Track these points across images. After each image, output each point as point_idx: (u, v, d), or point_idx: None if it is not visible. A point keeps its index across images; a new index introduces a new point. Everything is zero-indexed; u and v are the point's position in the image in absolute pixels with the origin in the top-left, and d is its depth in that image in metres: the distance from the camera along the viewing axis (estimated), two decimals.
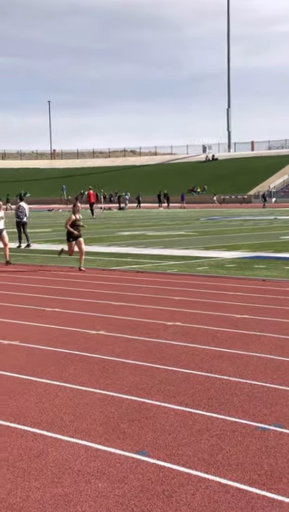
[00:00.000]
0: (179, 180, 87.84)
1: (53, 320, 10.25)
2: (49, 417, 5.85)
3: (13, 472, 4.70)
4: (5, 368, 7.47)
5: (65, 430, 5.51)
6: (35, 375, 7.18)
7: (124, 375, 7.12)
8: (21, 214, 23.60)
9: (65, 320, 10.24)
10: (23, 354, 8.13)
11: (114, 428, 5.54)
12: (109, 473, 4.64)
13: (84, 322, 10.04)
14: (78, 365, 7.57)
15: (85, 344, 8.60)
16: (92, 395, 6.45)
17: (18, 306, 11.54)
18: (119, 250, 21.49)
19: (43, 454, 5.01)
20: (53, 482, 4.52)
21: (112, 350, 8.26)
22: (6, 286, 14.08)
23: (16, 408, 6.09)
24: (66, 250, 17.34)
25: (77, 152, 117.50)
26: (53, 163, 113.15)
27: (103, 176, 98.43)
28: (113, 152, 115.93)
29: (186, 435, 5.35)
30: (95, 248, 22.23)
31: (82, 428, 5.55)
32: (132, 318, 10.27)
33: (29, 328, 9.66)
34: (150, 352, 8.13)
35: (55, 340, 8.82)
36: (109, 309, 11.10)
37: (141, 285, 13.83)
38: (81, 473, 4.66)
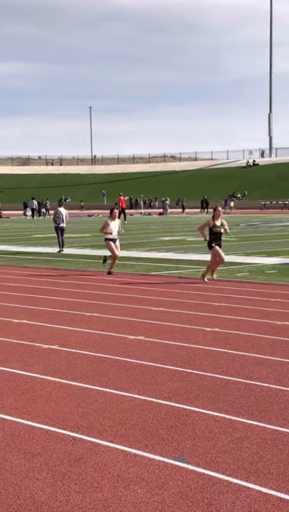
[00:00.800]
0: (219, 186, 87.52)
1: (92, 325, 10.28)
2: (88, 421, 5.86)
3: (53, 476, 4.72)
4: (45, 372, 7.52)
5: (105, 435, 5.51)
6: (74, 380, 7.21)
7: (163, 381, 7.10)
8: (58, 219, 23.75)
9: (105, 325, 10.27)
10: (62, 358, 8.18)
11: (153, 434, 5.52)
12: (149, 479, 4.63)
13: (123, 327, 10.05)
14: (117, 370, 7.57)
15: (123, 349, 8.60)
16: (131, 400, 6.44)
17: (58, 311, 11.62)
18: (159, 255, 21.48)
19: (82, 459, 5.02)
20: (92, 487, 4.53)
21: (150, 355, 8.25)
22: (46, 290, 14.19)
23: (56, 412, 6.12)
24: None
25: (118, 158, 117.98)
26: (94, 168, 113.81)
27: (143, 182, 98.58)
28: (153, 158, 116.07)
29: (225, 442, 5.31)
30: (134, 253, 22.27)
31: (121, 433, 5.55)
32: (171, 324, 10.25)
33: (69, 333, 9.71)
34: (189, 358, 8.10)
35: (94, 345, 8.85)
36: (148, 314, 11.10)
37: (180, 290, 13.80)
38: (120, 478, 4.66)
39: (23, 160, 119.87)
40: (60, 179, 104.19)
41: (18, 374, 7.46)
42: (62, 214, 23.91)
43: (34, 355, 8.36)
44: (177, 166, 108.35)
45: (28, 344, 8.96)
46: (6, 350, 8.59)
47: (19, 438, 5.48)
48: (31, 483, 4.60)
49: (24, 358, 8.20)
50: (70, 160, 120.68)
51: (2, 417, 6.01)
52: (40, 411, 6.16)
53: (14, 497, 4.39)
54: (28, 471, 4.80)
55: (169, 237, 30.71)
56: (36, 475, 4.73)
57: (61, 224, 23.70)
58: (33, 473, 4.77)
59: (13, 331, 9.89)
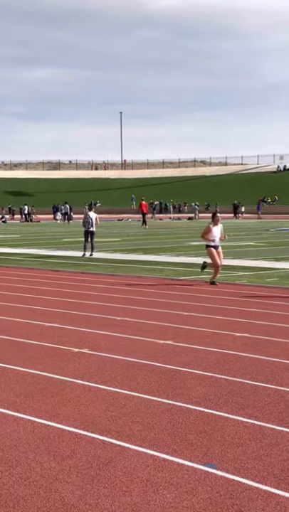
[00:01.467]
0: (249, 191, 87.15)
1: (122, 329, 10.31)
2: (117, 425, 5.87)
3: (83, 479, 4.74)
4: (75, 376, 7.55)
5: (134, 439, 5.52)
6: (104, 383, 7.23)
7: (192, 386, 7.08)
8: (87, 223, 23.86)
9: (134, 329, 10.28)
10: (92, 362, 8.21)
11: (182, 439, 5.52)
12: (178, 484, 4.62)
13: (152, 331, 10.06)
14: (146, 375, 7.58)
15: (153, 353, 8.61)
16: (160, 405, 6.44)
17: (88, 315, 11.66)
18: (189, 260, 21.45)
19: (111, 462, 5.04)
20: (121, 491, 4.53)
21: (180, 360, 8.25)
22: (76, 294, 14.25)
23: (85, 415, 6.14)
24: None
25: (148, 162, 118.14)
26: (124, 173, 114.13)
27: (173, 186, 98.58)
28: (183, 162, 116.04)
29: (255, 449, 5.28)
30: (164, 258, 22.27)
31: (150, 437, 5.55)
32: (201, 329, 10.22)
33: (99, 337, 9.74)
34: (218, 363, 8.07)
35: (123, 349, 8.87)
36: (178, 319, 11.09)
37: (210, 295, 13.76)
38: (149, 482, 4.66)
39: (54, 164, 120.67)
40: (90, 184, 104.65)
41: (48, 377, 7.51)
42: (92, 218, 24.01)
43: (64, 358, 8.40)
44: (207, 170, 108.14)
45: (58, 347, 9.01)
46: (37, 353, 8.65)
47: (49, 440, 5.51)
48: (61, 485, 4.63)
49: (54, 361, 8.25)
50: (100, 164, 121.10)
51: (32, 419, 6.05)
52: (70, 414, 6.19)
53: (44, 499, 4.42)
54: (58, 474, 4.82)
55: (199, 241, 30.64)
56: (66, 478, 4.76)
57: (90, 228, 23.81)
58: (63, 475, 4.80)
59: (43, 334, 9.95)
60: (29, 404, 6.49)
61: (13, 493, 4.52)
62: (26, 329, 10.33)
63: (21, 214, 67.34)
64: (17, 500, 4.41)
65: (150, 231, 41.75)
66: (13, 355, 8.55)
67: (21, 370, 7.83)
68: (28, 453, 5.24)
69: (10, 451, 5.30)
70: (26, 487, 4.61)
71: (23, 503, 4.37)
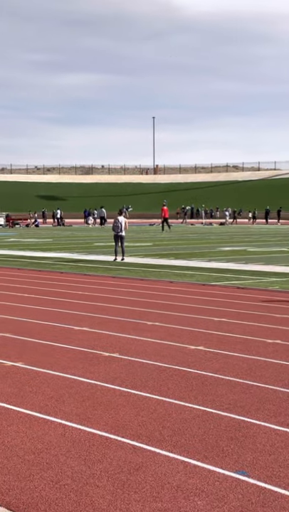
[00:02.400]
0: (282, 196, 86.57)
1: (152, 334, 10.30)
2: (148, 430, 5.86)
3: (113, 483, 4.73)
4: (105, 380, 7.56)
5: (164, 445, 5.50)
6: (134, 388, 7.22)
7: (223, 392, 7.04)
8: (117, 228, 23.92)
9: (165, 334, 10.26)
10: (122, 366, 8.21)
11: (212, 445, 5.48)
12: (208, 491, 4.59)
13: (183, 337, 10.03)
14: (177, 380, 7.56)
15: (183, 359, 8.58)
16: (190, 411, 6.42)
17: (119, 319, 11.68)
18: (220, 266, 21.37)
19: (142, 467, 5.02)
20: (152, 496, 4.52)
21: (210, 366, 8.21)
22: (107, 298, 14.29)
23: (116, 420, 6.14)
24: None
25: (180, 167, 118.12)
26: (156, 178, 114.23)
27: (205, 191, 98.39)
28: (215, 167, 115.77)
29: (287, 457, 5.22)
30: (194, 263, 22.22)
31: (180, 443, 5.53)
32: (232, 335, 10.17)
33: (129, 341, 9.74)
34: (250, 369, 8.02)
35: (154, 354, 8.86)
36: (209, 325, 11.05)
37: (241, 301, 13.69)
38: (180, 489, 4.63)
39: (87, 169, 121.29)
40: (122, 188, 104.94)
41: (79, 381, 7.53)
42: (121, 223, 24.08)
43: (94, 362, 8.42)
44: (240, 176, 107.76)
45: (88, 351, 9.03)
46: (68, 357, 8.69)
47: (80, 444, 5.53)
48: (91, 489, 4.63)
49: (85, 365, 8.27)
50: (132, 169, 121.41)
51: (63, 423, 6.07)
52: (100, 418, 6.20)
53: (75, 503, 4.43)
54: (89, 478, 4.83)
55: (230, 247, 30.53)
56: (96, 482, 4.76)
57: (120, 232, 23.87)
58: (93, 480, 4.80)
59: (74, 337, 9.99)
60: (60, 408, 6.51)
61: (44, 496, 4.54)
62: (57, 333, 10.38)
63: (54, 218, 67.78)
64: (48, 503, 4.43)
65: (181, 236, 41.71)
66: (44, 359, 8.59)
67: (52, 373, 7.86)
68: (59, 456, 5.26)
69: (41, 454, 5.32)
70: (57, 490, 4.62)
71: (54, 506, 4.39)
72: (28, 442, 5.57)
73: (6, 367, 8.19)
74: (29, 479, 4.82)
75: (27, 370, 8.00)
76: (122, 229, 23.92)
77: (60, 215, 66.79)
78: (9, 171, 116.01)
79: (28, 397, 6.90)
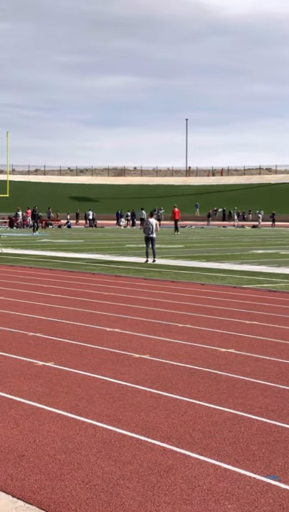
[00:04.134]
0: None
1: (183, 336, 10.28)
2: (178, 432, 5.85)
3: (143, 485, 4.73)
4: (136, 381, 7.57)
5: (194, 447, 5.49)
6: (164, 390, 7.22)
7: (254, 396, 7.00)
8: (148, 230, 23.93)
9: (196, 336, 10.24)
10: (153, 368, 8.21)
11: (243, 449, 5.45)
12: (239, 495, 4.56)
13: (214, 339, 10.00)
14: (207, 383, 7.53)
15: (214, 361, 8.55)
16: (221, 414, 6.39)
17: (150, 321, 11.68)
18: (252, 268, 21.26)
19: (172, 470, 5.02)
20: (182, 499, 4.51)
21: (241, 369, 8.17)
22: (138, 300, 14.30)
23: (146, 422, 6.15)
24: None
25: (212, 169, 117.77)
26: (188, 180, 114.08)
27: (237, 194, 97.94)
28: (248, 170, 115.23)
29: None
30: (226, 266, 22.13)
31: (211, 446, 5.51)
32: (264, 338, 10.10)
33: (160, 343, 9.74)
34: (282, 373, 7.95)
35: (185, 356, 8.84)
36: (241, 327, 10.99)
37: (273, 304, 13.59)
38: (210, 492, 4.62)
39: (119, 171, 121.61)
40: (154, 190, 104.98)
41: (110, 382, 7.55)
42: (152, 224, 24.09)
43: (125, 364, 8.43)
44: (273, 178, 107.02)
45: (119, 353, 9.05)
46: (98, 358, 8.71)
47: (110, 445, 5.54)
48: (122, 490, 4.64)
49: (115, 366, 8.29)
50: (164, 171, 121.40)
51: (94, 423, 6.09)
52: (131, 419, 6.21)
53: (105, 503, 4.44)
54: (119, 479, 4.84)
55: (262, 250, 30.35)
56: (127, 483, 4.77)
57: (151, 234, 23.88)
58: (124, 481, 4.81)
59: (105, 339, 10.02)
60: (91, 408, 6.53)
61: (75, 496, 4.56)
62: (88, 334, 10.42)
63: (86, 219, 68.10)
64: (79, 503, 4.45)
65: (213, 238, 41.57)
66: (75, 359, 8.63)
67: (83, 374, 7.90)
68: (89, 456, 5.28)
69: (72, 454, 5.35)
70: (88, 491, 4.64)
71: (84, 506, 4.40)
72: (59, 442, 5.60)
73: (38, 367, 8.24)
74: (60, 479, 4.85)
75: (58, 370, 8.05)
76: (153, 231, 23.93)
77: (92, 216, 67.07)
78: (43, 172, 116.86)
79: (59, 397, 6.94)
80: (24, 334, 10.31)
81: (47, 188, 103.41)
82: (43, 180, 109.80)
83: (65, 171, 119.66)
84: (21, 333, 10.37)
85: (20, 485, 4.75)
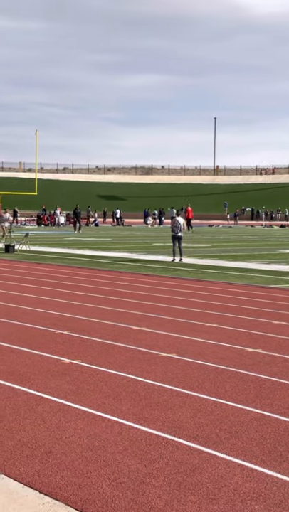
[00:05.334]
0: None
1: (210, 335, 10.26)
2: (205, 432, 5.84)
3: (170, 484, 4.74)
4: (162, 380, 7.57)
5: (221, 447, 5.47)
6: (191, 389, 7.21)
7: (282, 396, 6.96)
8: (176, 228, 23.93)
9: (223, 336, 10.21)
10: (179, 367, 8.20)
11: (270, 450, 5.43)
12: (266, 496, 4.54)
13: (241, 339, 9.96)
14: (234, 383, 7.51)
15: (241, 361, 8.52)
16: (247, 414, 6.37)
17: (177, 320, 11.67)
18: (280, 268, 21.13)
19: (198, 469, 5.01)
20: (208, 498, 4.51)
21: (269, 369, 8.12)
22: (165, 299, 14.30)
23: (172, 420, 6.15)
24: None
25: (240, 168, 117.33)
26: (216, 179, 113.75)
27: (266, 193, 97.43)
28: (277, 169, 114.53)
29: None
30: (254, 265, 22.03)
31: (237, 446, 5.50)
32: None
33: (187, 342, 9.73)
34: None
35: (211, 356, 8.83)
36: (268, 328, 10.93)
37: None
38: (237, 492, 4.60)
39: (147, 169, 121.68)
40: (182, 189, 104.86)
41: (136, 380, 7.56)
42: (180, 223, 24.10)
43: (152, 362, 8.44)
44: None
45: (146, 351, 9.06)
46: (125, 356, 8.73)
47: (136, 443, 5.55)
48: (148, 489, 4.65)
49: (142, 364, 8.30)
50: (192, 170, 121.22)
51: (120, 421, 6.11)
52: (157, 418, 6.21)
53: (132, 501, 4.45)
54: (145, 477, 4.85)
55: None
56: (153, 481, 4.77)
57: (179, 233, 23.88)
58: (150, 479, 4.81)
59: (132, 337, 10.04)
60: (117, 407, 6.55)
61: (101, 493, 4.58)
62: (115, 332, 10.45)
63: (113, 218, 68.27)
64: (105, 500, 4.47)
65: (240, 237, 41.41)
66: (102, 357, 8.66)
67: (110, 372, 7.92)
68: (115, 454, 5.30)
69: (98, 451, 5.37)
70: (114, 488, 4.66)
71: (111, 503, 4.42)
72: (85, 439, 5.63)
73: (65, 364, 8.29)
74: (86, 476, 4.87)
75: (85, 368, 8.08)
76: (180, 229, 23.93)
77: (119, 214, 67.22)
78: (71, 170, 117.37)
79: (85, 394, 6.97)
80: (52, 332, 10.37)
81: (75, 186, 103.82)
82: (71, 178, 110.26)
83: (93, 170, 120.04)
84: (49, 331, 10.43)
85: (47, 481, 4.79)
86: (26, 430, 5.85)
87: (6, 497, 4.54)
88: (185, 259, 23.68)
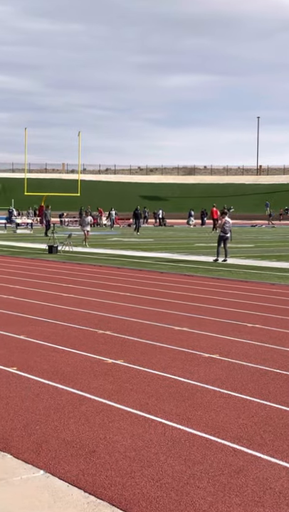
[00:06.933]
0: None
1: (253, 336, 10.18)
2: (249, 433, 5.80)
3: (214, 485, 4.71)
4: (205, 381, 7.54)
5: (266, 449, 5.42)
6: (234, 390, 7.16)
7: None
8: (227, 229, 23.85)
9: (266, 337, 10.12)
10: (223, 368, 8.16)
11: None
12: None
13: (285, 340, 9.86)
14: (278, 384, 7.43)
15: (285, 363, 8.43)
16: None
17: (219, 320, 11.62)
18: None
19: (243, 471, 4.98)
20: (253, 501, 4.47)
21: None
22: (208, 299, 14.25)
23: (216, 421, 6.11)
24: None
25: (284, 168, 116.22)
26: (259, 179, 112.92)
27: None
28: None
29: None
30: None
31: (282, 448, 5.44)
32: None
33: (229, 343, 9.68)
34: None
35: (255, 357, 8.76)
36: None
37: None
38: (282, 494, 4.55)
39: (189, 170, 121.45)
40: (224, 189, 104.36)
41: (179, 381, 7.54)
42: (230, 224, 24.03)
43: (194, 363, 8.41)
44: None
45: (188, 352, 9.03)
46: (168, 357, 8.72)
47: (180, 444, 5.54)
48: (192, 490, 4.63)
49: (185, 365, 8.28)
50: (234, 170, 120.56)
51: (163, 422, 6.10)
52: (200, 419, 6.19)
53: (176, 502, 4.44)
54: (189, 478, 4.83)
55: None
56: (197, 483, 4.75)
57: (228, 233, 23.80)
58: (194, 480, 4.80)
59: (174, 338, 10.02)
60: (160, 407, 6.54)
61: (145, 493, 4.58)
62: (157, 332, 10.44)
63: (155, 218, 68.29)
64: (149, 500, 4.47)
65: (284, 237, 41.01)
66: (144, 358, 8.66)
67: (152, 372, 7.92)
68: (159, 455, 5.29)
69: (142, 451, 5.37)
70: (158, 488, 4.65)
71: (155, 504, 4.42)
72: (129, 439, 5.64)
73: (108, 364, 8.32)
74: (130, 476, 4.88)
75: (127, 368, 8.10)
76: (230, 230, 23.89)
77: (161, 215, 67.22)
78: (113, 171, 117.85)
79: (128, 394, 6.98)
80: (94, 332, 10.42)
81: (117, 187, 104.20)
82: (113, 179, 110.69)
83: (135, 170, 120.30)
84: (91, 331, 10.48)
85: (91, 480, 4.81)
86: (70, 430, 5.88)
87: (51, 496, 4.58)
88: (228, 260, 23.56)
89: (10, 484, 4.74)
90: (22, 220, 58.53)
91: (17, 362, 8.34)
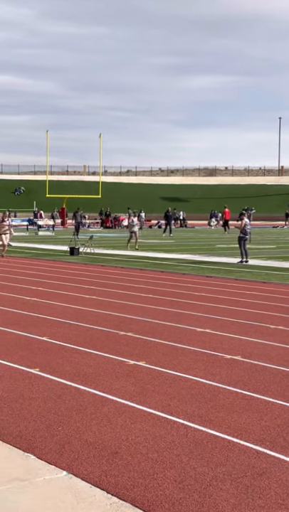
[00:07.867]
0: None
1: (276, 337, 10.13)
2: (271, 435, 5.77)
3: (237, 487, 4.70)
4: (227, 382, 7.52)
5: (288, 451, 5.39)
6: (257, 392, 7.14)
7: None
8: (248, 230, 23.82)
9: (288, 338, 10.07)
10: (245, 370, 8.13)
11: None
12: None
13: None
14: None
15: None
16: None
17: (241, 322, 11.58)
18: None
19: (266, 473, 4.96)
20: (277, 503, 4.45)
21: None
22: (230, 301, 14.21)
23: (239, 424, 6.10)
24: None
25: None
26: (280, 179, 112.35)
27: None
28: None
29: None
30: None
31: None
32: None
33: (252, 344, 9.64)
34: None
35: (278, 358, 8.71)
36: None
37: None
38: None
39: (210, 171, 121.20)
40: (245, 190, 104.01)
41: (201, 382, 7.53)
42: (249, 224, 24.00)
43: (216, 364, 8.39)
44: None
45: (210, 353, 9.01)
46: (190, 358, 8.71)
47: (202, 446, 5.53)
48: (215, 492, 4.62)
49: (207, 367, 8.27)
50: (256, 171, 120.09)
51: (185, 423, 6.09)
52: (223, 421, 6.17)
53: (199, 504, 4.43)
54: (212, 480, 4.82)
55: None
56: (220, 484, 4.74)
57: (248, 235, 23.78)
58: (217, 482, 4.79)
59: (196, 339, 10.01)
60: (182, 408, 6.54)
61: (168, 495, 4.58)
62: (179, 334, 10.43)
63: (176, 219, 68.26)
64: (172, 502, 4.46)
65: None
66: (166, 359, 8.66)
67: (174, 373, 7.91)
68: (181, 456, 5.29)
69: (164, 453, 5.37)
70: (180, 490, 4.65)
71: (178, 505, 4.41)
72: (151, 440, 5.64)
73: (129, 366, 8.33)
74: (153, 477, 4.88)
75: (149, 370, 8.10)
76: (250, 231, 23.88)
77: (182, 216, 67.13)
78: (134, 173, 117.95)
79: (150, 396, 6.98)
80: (116, 333, 10.44)
81: (138, 188, 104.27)
82: (134, 181, 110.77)
83: (156, 172, 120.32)
84: (113, 333, 10.50)
85: (114, 481, 4.82)
86: (93, 431, 5.90)
87: (74, 496, 4.59)
88: (249, 261, 23.47)
89: (33, 485, 4.77)
90: (44, 222, 58.79)
91: (39, 363, 8.38)
